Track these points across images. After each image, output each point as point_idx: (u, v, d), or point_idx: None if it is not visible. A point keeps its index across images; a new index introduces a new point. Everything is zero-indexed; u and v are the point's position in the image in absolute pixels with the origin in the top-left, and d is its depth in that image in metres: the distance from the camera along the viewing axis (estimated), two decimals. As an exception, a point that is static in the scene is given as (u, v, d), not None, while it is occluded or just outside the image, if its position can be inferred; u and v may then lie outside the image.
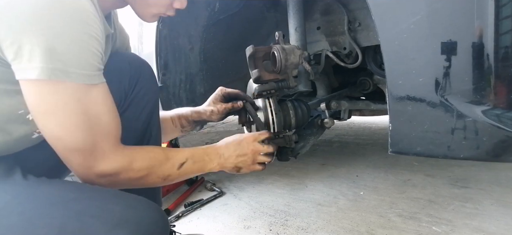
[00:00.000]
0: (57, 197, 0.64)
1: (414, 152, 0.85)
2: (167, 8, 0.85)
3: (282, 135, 0.99)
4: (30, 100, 0.62)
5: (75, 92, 0.61)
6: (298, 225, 1.43)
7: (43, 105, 0.61)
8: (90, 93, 0.64)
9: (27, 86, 0.60)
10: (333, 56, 1.38)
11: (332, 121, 1.32)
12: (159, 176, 0.75)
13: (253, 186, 1.96)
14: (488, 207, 1.44)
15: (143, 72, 0.94)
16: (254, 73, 0.97)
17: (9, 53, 0.58)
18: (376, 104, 1.48)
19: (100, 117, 0.65)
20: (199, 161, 0.82)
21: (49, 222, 0.59)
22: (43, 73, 0.57)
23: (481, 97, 0.74)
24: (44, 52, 0.57)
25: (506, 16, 0.70)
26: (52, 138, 0.64)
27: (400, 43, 0.80)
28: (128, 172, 0.69)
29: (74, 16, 0.59)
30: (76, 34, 0.60)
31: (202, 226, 1.52)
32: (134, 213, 0.62)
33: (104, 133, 0.66)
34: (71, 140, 0.63)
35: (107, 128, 0.67)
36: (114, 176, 0.68)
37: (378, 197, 1.64)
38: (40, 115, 0.62)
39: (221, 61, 1.72)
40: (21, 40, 0.56)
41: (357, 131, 3.32)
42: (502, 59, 0.72)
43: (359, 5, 1.31)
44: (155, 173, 0.74)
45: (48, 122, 0.62)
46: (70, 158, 0.65)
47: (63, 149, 0.64)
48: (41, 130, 0.64)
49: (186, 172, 0.79)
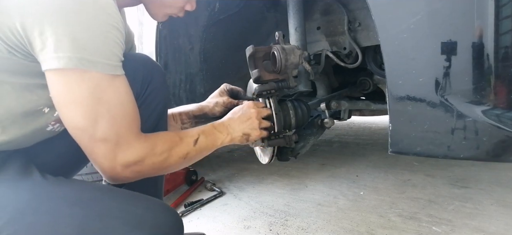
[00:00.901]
0: (78, 197, 0.65)
1: (414, 152, 0.85)
2: (180, 10, 0.90)
3: (282, 135, 0.99)
4: (55, 90, 0.62)
5: (100, 82, 0.62)
6: (298, 225, 1.43)
7: (69, 95, 0.61)
8: (114, 83, 0.64)
9: (53, 76, 0.60)
10: (333, 56, 1.38)
11: (332, 121, 1.32)
12: (180, 156, 0.75)
13: (253, 186, 1.96)
14: (488, 207, 1.44)
15: (155, 74, 0.95)
16: (254, 73, 0.97)
17: (36, 44, 0.58)
18: (376, 104, 1.48)
19: (123, 107, 0.66)
20: (210, 135, 0.83)
21: (71, 221, 0.60)
22: (71, 62, 0.58)
23: (481, 97, 0.74)
24: (71, 42, 0.58)
25: (506, 16, 0.70)
26: (77, 129, 0.63)
27: (400, 43, 0.80)
28: (152, 158, 0.69)
29: (98, 8, 0.61)
30: (101, 25, 0.61)
31: (202, 226, 1.52)
32: (152, 215, 0.64)
33: (127, 122, 0.66)
34: (96, 130, 0.62)
35: (130, 117, 0.67)
36: (139, 164, 0.67)
37: (378, 197, 1.64)
38: (65, 105, 0.62)
39: (221, 61, 1.72)
40: (48, 31, 0.57)
41: (357, 131, 3.32)
42: (502, 59, 0.72)
43: (359, 5, 1.31)
44: (176, 154, 0.74)
45: (73, 112, 0.62)
46: (95, 150, 0.64)
47: (88, 140, 0.64)
48: (64, 121, 0.64)
49: (201, 147, 0.80)
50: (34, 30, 0.57)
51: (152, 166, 0.70)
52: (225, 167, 2.42)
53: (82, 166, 1.01)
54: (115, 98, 0.64)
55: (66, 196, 0.65)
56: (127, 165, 0.66)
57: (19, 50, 0.60)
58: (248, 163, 2.45)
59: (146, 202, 0.67)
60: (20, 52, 0.61)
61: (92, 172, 1.63)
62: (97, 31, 0.60)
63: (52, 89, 0.62)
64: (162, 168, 0.73)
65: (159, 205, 0.68)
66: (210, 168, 2.41)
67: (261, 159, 1.13)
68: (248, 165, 2.40)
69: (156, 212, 0.66)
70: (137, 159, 0.67)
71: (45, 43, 0.57)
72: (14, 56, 0.61)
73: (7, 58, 0.61)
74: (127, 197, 0.67)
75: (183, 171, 2.00)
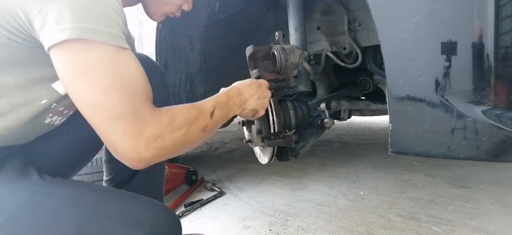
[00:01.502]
0: (76, 198, 0.64)
1: (414, 152, 0.85)
2: (177, 9, 0.91)
3: (282, 135, 0.99)
4: (62, 66, 0.59)
5: (107, 52, 0.59)
6: (298, 225, 1.43)
7: (76, 68, 0.58)
8: (121, 55, 0.61)
9: (58, 51, 0.58)
10: (333, 56, 1.38)
11: (332, 121, 1.32)
12: (199, 129, 0.71)
13: (253, 186, 1.96)
14: (488, 207, 1.44)
15: (154, 75, 0.95)
16: (254, 73, 0.97)
17: (37, 22, 0.57)
18: (376, 104, 1.48)
19: (135, 80, 0.62)
20: (225, 106, 0.80)
21: (69, 222, 0.60)
22: (74, 32, 0.56)
23: (481, 97, 0.74)
24: (72, 13, 0.56)
25: (506, 16, 0.70)
26: (90, 106, 0.59)
27: (400, 43, 0.80)
28: (172, 132, 0.65)
29: None
30: (102, 1, 0.59)
31: (202, 226, 1.52)
32: (150, 216, 0.64)
33: (142, 96, 0.63)
34: (110, 105, 0.58)
35: (144, 90, 0.64)
36: (160, 140, 0.62)
37: (378, 197, 1.64)
38: (75, 80, 0.59)
39: (221, 61, 1.72)
40: (48, 6, 0.56)
41: (357, 131, 3.32)
42: (502, 59, 0.72)
43: (359, 5, 1.31)
44: (195, 126, 0.70)
45: (83, 87, 0.58)
46: (112, 129, 0.59)
47: (103, 118, 0.59)
48: (76, 100, 0.60)
49: (217, 119, 0.77)
50: (34, 8, 0.56)
51: (173, 141, 0.65)
52: (225, 167, 2.42)
53: (81, 166, 1.01)
54: (125, 69, 0.61)
55: (64, 196, 0.64)
56: (148, 141, 0.61)
57: (19, 34, 0.59)
58: (248, 163, 2.45)
59: (145, 203, 0.67)
60: (20, 36, 0.59)
61: (92, 172, 1.63)
62: (99, 5, 0.59)
63: (59, 66, 0.59)
64: (183, 142, 0.68)
65: (158, 206, 0.68)
66: (210, 168, 2.41)
67: (261, 159, 1.13)
68: (248, 165, 2.40)
69: (155, 213, 0.65)
70: (157, 133, 0.62)
71: (46, 19, 0.56)
72: (14, 41, 0.59)
73: (7, 45, 0.59)
74: (126, 198, 0.67)
75: (183, 171, 2.00)
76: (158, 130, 0.62)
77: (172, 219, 0.68)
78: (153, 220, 0.64)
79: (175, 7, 0.91)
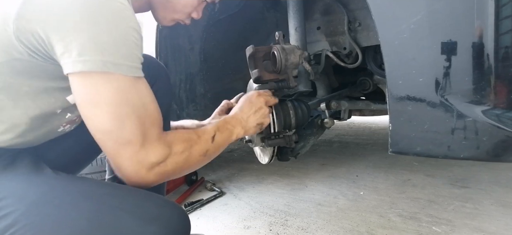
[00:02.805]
0: (92, 191, 0.66)
1: (414, 152, 0.85)
2: (187, 17, 0.92)
3: (282, 135, 0.99)
4: (81, 93, 0.62)
5: (125, 84, 0.62)
6: (298, 225, 1.43)
7: (95, 97, 0.61)
8: (137, 84, 0.65)
9: (79, 78, 0.60)
10: (333, 56, 1.38)
11: (332, 121, 1.32)
12: (200, 153, 0.76)
13: (253, 186, 1.96)
14: (488, 207, 1.44)
15: (160, 75, 0.96)
16: (254, 73, 0.97)
17: (58, 48, 0.59)
18: (376, 104, 1.48)
19: (147, 108, 0.66)
20: (225, 131, 0.84)
21: (85, 214, 0.61)
22: (96, 65, 0.59)
23: (481, 97, 0.74)
24: (95, 46, 0.59)
25: (506, 16, 0.70)
26: (103, 132, 0.63)
27: (400, 43, 0.80)
28: (173, 157, 0.69)
29: (117, 12, 0.62)
30: (121, 28, 0.62)
31: (202, 226, 1.52)
32: (164, 211, 0.65)
33: (151, 123, 0.66)
34: (122, 132, 0.62)
35: (153, 117, 0.68)
36: (162, 165, 0.67)
37: (378, 197, 1.64)
38: (92, 108, 0.62)
39: (221, 61, 1.73)
40: (71, 35, 0.58)
41: (357, 131, 3.32)
42: (502, 59, 0.72)
43: (359, 5, 1.31)
44: (196, 152, 0.74)
45: (99, 115, 0.62)
46: (120, 153, 0.63)
47: (113, 143, 0.63)
48: (90, 125, 0.64)
49: (218, 143, 0.81)
50: (56, 35, 0.58)
51: (175, 166, 0.70)
52: (225, 167, 2.42)
53: (85, 165, 1.02)
54: (139, 99, 0.65)
55: (80, 190, 0.66)
56: (151, 167, 0.66)
57: (40, 54, 0.61)
58: (248, 163, 2.45)
59: (158, 199, 0.68)
60: (41, 56, 0.62)
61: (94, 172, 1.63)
62: (118, 35, 0.61)
63: (77, 92, 0.62)
64: (184, 167, 0.72)
65: (170, 203, 0.69)
66: (210, 168, 2.41)
67: (261, 159, 1.13)
68: (248, 165, 2.40)
69: (168, 209, 0.66)
70: (160, 160, 0.67)
71: (68, 47, 0.58)
72: (35, 59, 0.62)
73: (28, 61, 0.62)
74: (140, 193, 0.68)
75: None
76: (162, 156, 0.67)
77: (183, 216, 0.69)
78: (167, 215, 0.65)
79: (185, 15, 0.91)
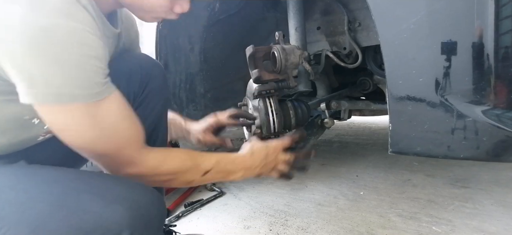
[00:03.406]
0: (58, 176, 0.65)
1: (414, 152, 0.85)
2: (167, 13, 0.81)
3: (282, 135, 0.99)
4: (44, 118, 0.62)
5: (86, 111, 0.60)
6: (298, 225, 1.43)
7: (58, 125, 0.62)
8: (101, 107, 0.63)
9: (36, 107, 0.60)
10: (333, 56, 1.38)
11: (332, 121, 1.32)
12: (185, 181, 0.77)
13: (253, 186, 1.96)
14: (488, 207, 1.44)
15: (154, 74, 0.94)
16: (254, 73, 0.97)
17: (12, 74, 0.57)
18: (376, 104, 1.48)
19: (117, 126, 0.65)
20: (223, 171, 0.82)
21: (47, 197, 0.60)
22: (46, 98, 0.57)
23: (481, 97, 0.74)
24: (44, 79, 0.56)
25: (506, 16, 0.70)
26: (75, 148, 0.65)
27: (400, 43, 0.80)
28: (155, 176, 0.71)
29: (71, 39, 0.57)
30: (75, 57, 0.57)
31: (202, 226, 1.52)
32: (132, 193, 0.63)
33: (125, 140, 0.66)
34: (94, 149, 0.64)
35: (127, 134, 0.67)
36: (142, 178, 0.69)
37: (378, 197, 1.64)
38: (58, 132, 0.63)
39: (221, 61, 1.72)
40: (20, 66, 0.55)
41: (357, 131, 3.32)
42: (502, 59, 0.72)
43: (359, 5, 1.31)
44: (182, 178, 0.75)
45: (67, 137, 0.63)
46: (98, 161, 0.68)
47: (89, 156, 0.66)
48: (64, 142, 0.64)
49: (207, 179, 0.79)
50: (8, 63, 0.55)
51: (155, 181, 0.71)
52: (225, 167, 2.42)
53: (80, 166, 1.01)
54: (106, 120, 0.64)
55: (46, 175, 0.65)
56: (130, 176, 0.68)
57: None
58: (248, 163, 2.45)
59: (128, 183, 0.66)
60: (1, 79, 0.59)
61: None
62: (72, 65, 0.57)
63: (41, 116, 0.62)
64: (164, 185, 0.75)
65: (142, 187, 0.66)
66: (210, 168, 2.41)
67: (261, 159, 1.12)
68: (248, 165, 2.39)
69: (138, 191, 0.64)
70: (138, 174, 0.68)
71: (19, 77, 0.56)
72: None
73: None
74: (110, 178, 0.67)
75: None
76: (140, 171, 0.68)
77: (157, 201, 0.66)
78: (135, 196, 0.62)
79: (163, 13, 0.81)
